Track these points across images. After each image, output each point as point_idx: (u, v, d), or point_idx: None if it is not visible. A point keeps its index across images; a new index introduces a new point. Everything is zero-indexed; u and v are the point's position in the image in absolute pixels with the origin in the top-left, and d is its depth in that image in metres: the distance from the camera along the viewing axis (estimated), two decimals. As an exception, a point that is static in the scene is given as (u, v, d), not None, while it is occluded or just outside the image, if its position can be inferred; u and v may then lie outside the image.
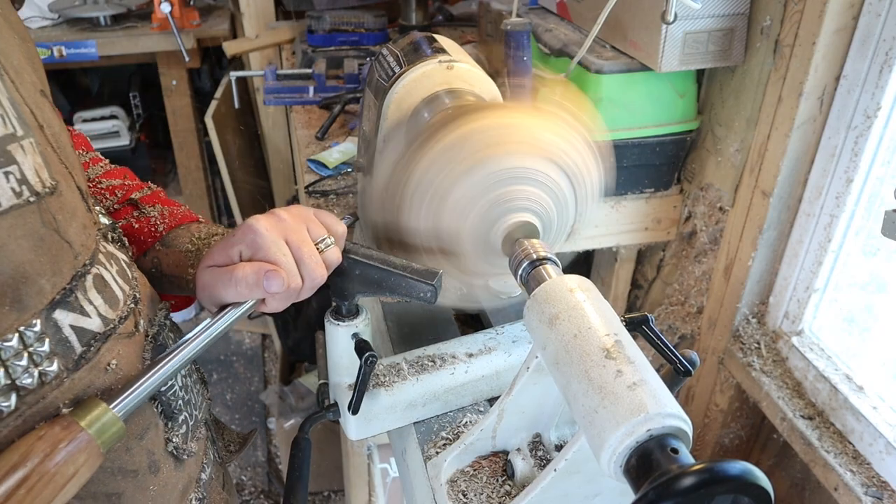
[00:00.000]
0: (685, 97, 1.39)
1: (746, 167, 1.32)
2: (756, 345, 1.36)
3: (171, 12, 2.44)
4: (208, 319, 0.60)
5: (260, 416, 2.41)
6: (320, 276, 0.62)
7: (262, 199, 2.88)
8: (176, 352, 0.56)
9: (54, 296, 0.49)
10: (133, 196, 0.74)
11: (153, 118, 3.10)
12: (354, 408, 0.68)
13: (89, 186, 0.74)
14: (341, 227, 0.66)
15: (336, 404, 0.73)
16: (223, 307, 0.61)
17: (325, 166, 1.51)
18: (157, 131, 3.14)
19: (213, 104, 2.38)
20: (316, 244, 0.63)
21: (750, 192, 1.31)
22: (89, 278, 0.53)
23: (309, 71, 1.85)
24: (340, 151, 1.55)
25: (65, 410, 0.50)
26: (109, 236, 0.60)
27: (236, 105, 2.09)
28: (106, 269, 0.56)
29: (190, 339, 0.57)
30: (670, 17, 1.18)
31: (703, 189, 1.47)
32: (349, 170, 1.50)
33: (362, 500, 1.45)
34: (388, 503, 1.39)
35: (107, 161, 0.80)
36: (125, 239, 0.64)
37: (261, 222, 0.60)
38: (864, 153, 1.12)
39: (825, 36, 1.10)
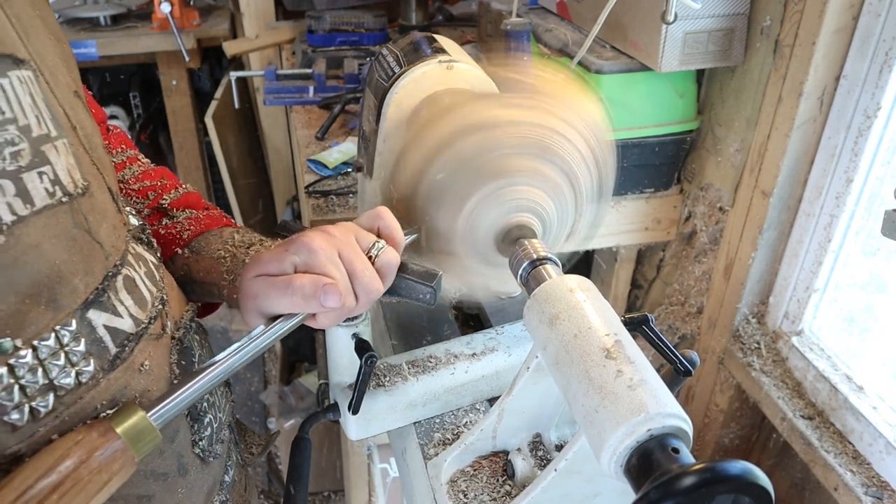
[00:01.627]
0: (685, 97, 1.39)
1: (746, 167, 1.32)
2: (756, 345, 1.36)
3: (171, 12, 2.44)
4: (257, 329, 0.58)
5: (260, 416, 2.40)
6: (376, 289, 0.60)
7: (262, 200, 2.88)
8: (220, 362, 0.55)
9: (88, 295, 0.49)
10: (163, 200, 0.73)
11: (153, 118, 3.10)
12: (354, 408, 0.68)
13: (121, 187, 0.74)
14: (395, 229, 0.63)
15: (336, 404, 0.73)
16: (271, 319, 0.59)
17: (325, 166, 1.51)
18: (157, 131, 3.14)
19: (213, 104, 2.38)
20: (367, 253, 0.61)
21: (750, 192, 1.31)
22: (120, 279, 0.53)
23: (309, 71, 1.85)
24: (340, 151, 1.55)
25: (103, 415, 0.50)
26: (138, 237, 0.60)
27: (236, 105, 2.09)
28: (135, 270, 0.56)
29: (235, 349, 0.56)
30: (670, 18, 1.18)
31: (703, 189, 1.47)
32: (349, 170, 1.50)
33: (362, 500, 1.45)
34: (388, 503, 1.39)
35: (147, 161, 0.79)
36: (154, 240, 0.64)
37: (315, 239, 0.59)
38: (864, 153, 1.12)
39: (825, 36, 1.10)
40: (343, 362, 0.72)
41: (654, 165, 1.44)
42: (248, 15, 2.29)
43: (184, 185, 0.77)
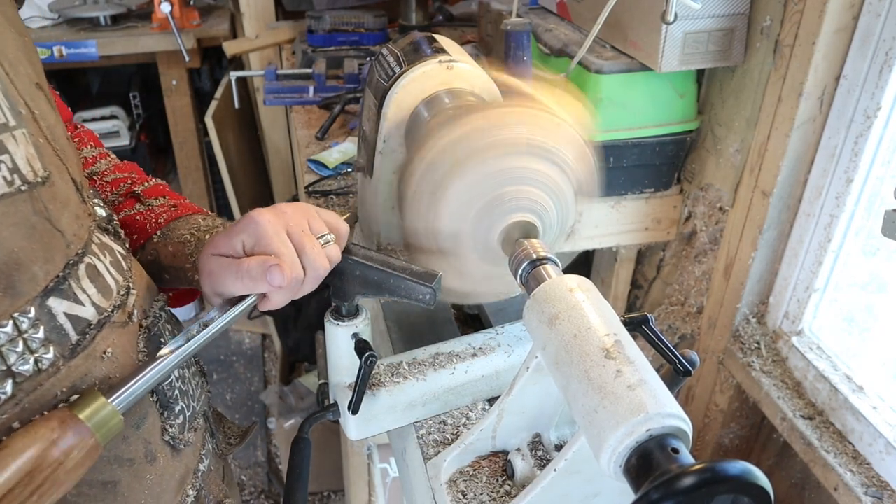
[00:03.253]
0: (685, 97, 1.39)
1: (746, 167, 1.32)
2: (756, 345, 1.36)
3: (171, 12, 2.44)
4: (212, 313, 0.61)
5: (260, 416, 2.41)
6: (323, 267, 0.63)
7: (262, 200, 2.88)
8: (176, 345, 0.57)
9: (47, 283, 0.50)
10: (136, 189, 0.75)
11: (153, 118, 3.10)
12: (354, 408, 0.68)
13: (94, 180, 0.75)
14: (343, 226, 0.66)
15: (336, 404, 0.73)
16: (228, 301, 0.61)
17: (325, 166, 1.51)
18: (157, 131, 3.14)
19: (213, 104, 2.38)
20: (316, 238, 0.63)
21: (750, 192, 1.31)
22: (82, 267, 0.54)
23: (309, 71, 1.85)
24: (340, 151, 1.55)
25: (62, 405, 0.50)
26: (104, 228, 0.61)
27: (236, 105, 2.09)
28: (99, 259, 0.56)
29: (190, 333, 0.58)
30: (670, 18, 1.18)
31: (703, 189, 1.47)
32: (349, 170, 1.50)
33: (362, 500, 1.45)
34: (388, 503, 1.39)
35: (114, 157, 0.80)
36: (122, 231, 0.65)
37: (263, 214, 0.61)
38: (864, 153, 1.12)
39: (825, 36, 1.10)
40: (343, 362, 0.72)
41: (654, 165, 1.44)
42: (248, 15, 2.29)
43: (152, 179, 0.79)
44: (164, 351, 0.56)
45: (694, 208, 1.50)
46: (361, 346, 0.68)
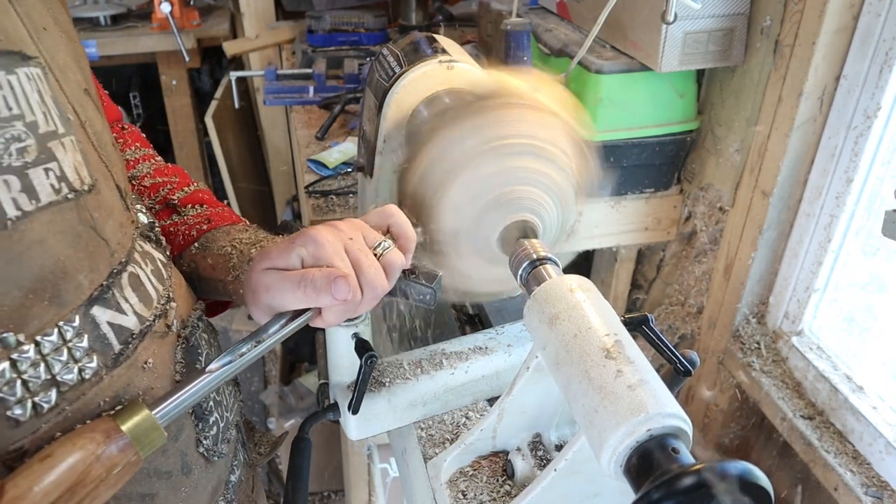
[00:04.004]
0: (685, 97, 1.39)
1: (746, 167, 1.32)
2: (756, 345, 1.36)
3: (171, 12, 2.44)
4: (268, 328, 0.58)
5: (260, 416, 2.40)
6: (381, 286, 0.59)
7: (262, 199, 2.88)
8: (224, 361, 0.55)
9: (92, 292, 0.49)
10: (173, 197, 0.73)
11: (153, 118, 3.10)
12: (354, 408, 0.68)
13: (133, 183, 0.74)
14: (399, 218, 0.62)
15: (336, 404, 0.73)
16: (280, 316, 0.59)
17: (325, 166, 1.51)
18: (157, 131, 3.14)
19: (213, 104, 2.38)
20: (373, 250, 0.60)
21: (750, 192, 1.31)
22: (125, 276, 0.53)
23: (309, 71, 1.85)
24: (340, 151, 1.55)
25: (106, 413, 0.50)
26: (146, 235, 0.60)
27: (236, 105, 2.09)
28: (141, 268, 0.56)
29: (239, 350, 0.55)
30: (670, 18, 1.18)
31: (703, 189, 1.47)
32: (349, 170, 1.50)
33: (362, 500, 1.45)
34: (388, 503, 1.39)
35: (160, 160, 0.79)
36: (163, 239, 0.64)
37: (320, 231, 0.58)
38: (864, 153, 1.12)
39: (825, 36, 1.10)
40: (343, 362, 0.72)
41: (654, 165, 1.44)
42: (248, 15, 2.29)
43: (195, 183, 0.77)
44: (212, 366, 0.54)
45: (694, 208, 1.50)
46: (361, 346, 0.68)
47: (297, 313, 0.58)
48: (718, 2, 1.22)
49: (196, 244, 0.70)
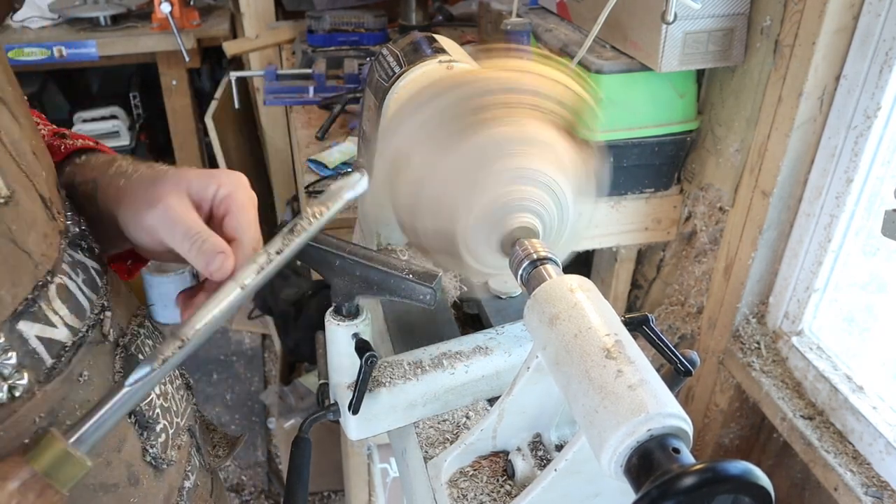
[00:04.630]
0: (685, 97, 1.39)
1: (746, 167, 1.32)
2: (756, 345, 1.36)
3: (171, 12, 2.44)
4: (185, 332, 0.52)
5: (260, 416, 2.40)
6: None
7: (261, 199, 2.88)
8: (142, 373, 0.49)
9: (16, 307, 0.47)
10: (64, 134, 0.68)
11: (153, 118, 3.10)
12: (354, 408, 0.68)
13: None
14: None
15: (336, 404, 0.73)
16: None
17: (325, 166, 1.51)
18: (157, 131, 3.14)
19: (213, 104, 2.38)
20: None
21: (750, 192, 1.31)
22: (52, 288, 0.51)
23: (309, 71, 1.85)
24: (340, 151, 1.55)
25: (16, 455, 0.46)
26: (77, 244, 0.57)
27: (236, 105, 2.09)
28: (71, 278, 0.53)
29: (161, 354, 0.50)
30: (670, 17, 1.18)
31: (703, 189, 1.47)
32: (349, 170, 1.50)
33: (362, 500, 1.45)
34: (388, 503, 1.39)
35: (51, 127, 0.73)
36: (96, 247, 0.60)
37: (242, 192, 0.57)
38: (864, 153, 1.12)
39: (825, 36, 1.10)
40: (343, 362, 0.72)
41: (654, 165, 1.44)
42: (248, 15, 2.29)
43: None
44: (129, 380, 0.49)
45: (694, 208, 1.50)
46: (362, 346, 0.68)
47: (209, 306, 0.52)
48: (718, 2, 1.22)
49: (82, 156, 0.65)
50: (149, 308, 2.70)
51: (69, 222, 0.57)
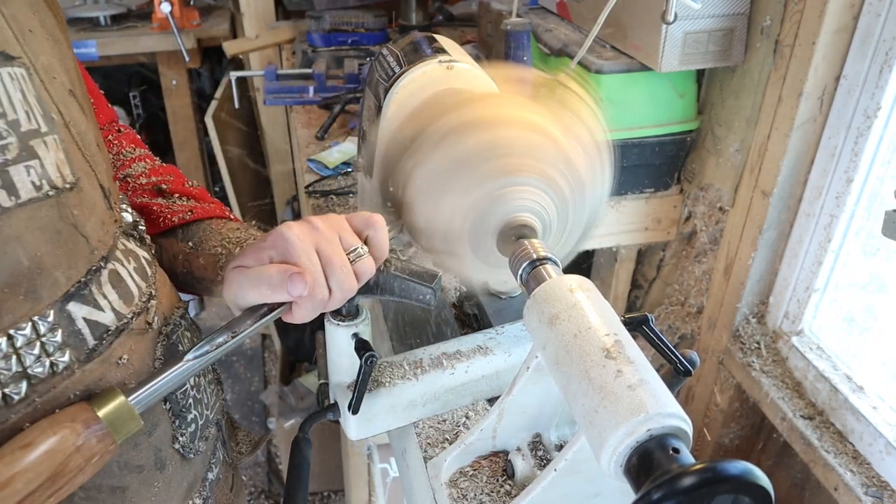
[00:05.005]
0: (685, 97, 1.39)
1: (746, 167, 1.32)
2: (756, 345, 1.36)
3: (171, 12, 2.44)
4: (238, 321, 0.59)
5: (260, 416, 2.41)
6: (349, 287, 0.60)
7: (262, 199, 2.88)
8: (199, 351, 0.56)
9: (69, 288, 0.50)
10: (164, 186, 0.74)
11: (153, 118, 3.10)
12: (354, 408, 0.68)
13: (127, 182, 0.75)
14: (378, 224, 0.63)
15: (336, 404, 0.73)
16: (252, 310, 0.59)
17: (325, 166, 1.51)
18: (157, 131, 3.14)
19: (213, 104, 2.38)
20: (348, 254, 0.61)
21: (750, 192, 1.31)
22: (105, 273, 0.54)
23: (309, 71, 1.85)
24: (340, 151, 1.55)
25: (82, 401, 0.50)
26: (130, 234, 0.61)
27: (236, 105, 2.09)
28: (123, 265, 0.57)
29: (215, 340, 0.57)
30: (670, 18, 1.18)
31: (703, 189, 1.47)
32: (349, 170, 1.50)
33: (362, 500, 1.45)
34: (388, 503, 1.39)
35: (157, 161, 0.80)
36: (148, 237, 0.64)
37: (292, 229, 0.59)
38: (864, 153, 1.12)
39: (825, 36, 1.10)
40: (343, 362, 0.72)
41: (654, 165, 1.44)
42: (248, 15, 2.29)
43: (190, 182, 0.78)
44: (189, 355, 0.55)
45: (694, 208, 1.50)
46: (361, 346, 0.68)
47: (272, 307, 0.59)
48: (718, 2, 1.22)
49: (190, 244, 0.71)
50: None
51: (124, 213, 0.61)
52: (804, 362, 1.26)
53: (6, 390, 0.47)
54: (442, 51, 0.76)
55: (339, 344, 0.71)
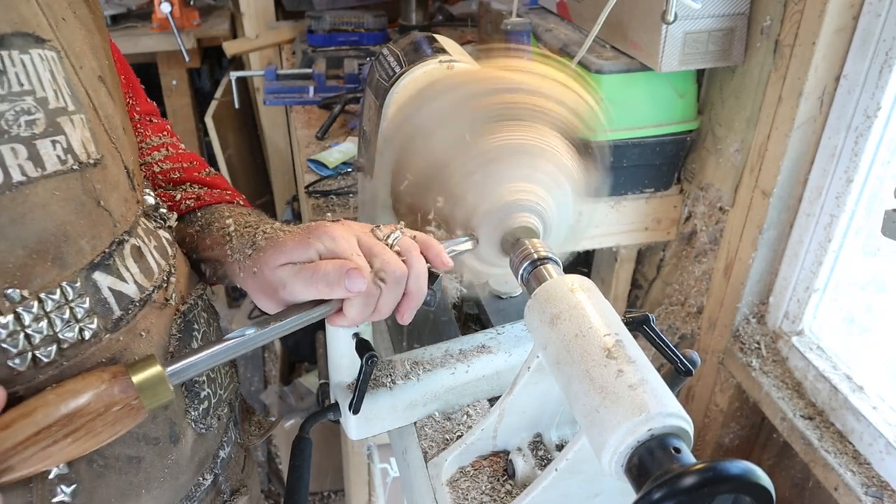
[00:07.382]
0: (685, 97, 1.39)
1: (746, 167, 1.32)
2: (756, 345, 1.36)
3: (171, 12, 2.43)
4: (284, 312, 0.59)
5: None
6: (400, 270, 0.59)
7: (262, 199, 2.88)
8: (241, 334, 0.57)
9: (94, 258, 0.53)
10: (175, 175, 0.75)
11: (153, 118, 3.10)
12: (355, 408, 0.68)
13: (143, 169, 0.75)
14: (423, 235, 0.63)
15: (336, 404, 0.73)
16: (299, 306, 0.59)
17: (325, 166, 1.51)
18: (157, 131, 3.14)
19: (213, 104, 2.38)
20: (385, 241, 0.61)
21: (750, 192, 1.31)
22: (127, 247, 0.56)
23: (309, 71, 1.85)
24: (340, 151, 1.55)
25: (110, 365, 0.52)
26: (151, 215, 0.63)
27: (236, 105, 2.09)
28: (144, 242, 0.58)
29: (257, 325, 0.58)
30: (670, 17, 1.18)
31: (703, 189, 1.47)
32: (349, 170, 1.50)
33: (362, 500, 1.45)
34: (388, 503, 1.39)
35: (182, 147, 0.81)
36: (170, 216, 0.66)
37: (336, 227, 0.59)
38: (864, 153, 1.12)
39: (825, 36, 1.10)
40: (343, 362, 0.72)
41: (654, 165, 1.44)
42: (248, 15, 2.29)
43: (209, 168, 0.79)
44: (230, 335, 0.57)
45: (694, 208, 1.50)
46: (362, 346, 0.68)
47: (318, 303, 0.59)
48: (718, 2, 1.22)
49: (197, 226, 0.71)
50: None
51: (147, 196, 0.63)
52: (804, 362, 1.26)
53: (37, 352, 0.49)
54: (442, 51, 0.76)
55: (340, 344, 0.71)
